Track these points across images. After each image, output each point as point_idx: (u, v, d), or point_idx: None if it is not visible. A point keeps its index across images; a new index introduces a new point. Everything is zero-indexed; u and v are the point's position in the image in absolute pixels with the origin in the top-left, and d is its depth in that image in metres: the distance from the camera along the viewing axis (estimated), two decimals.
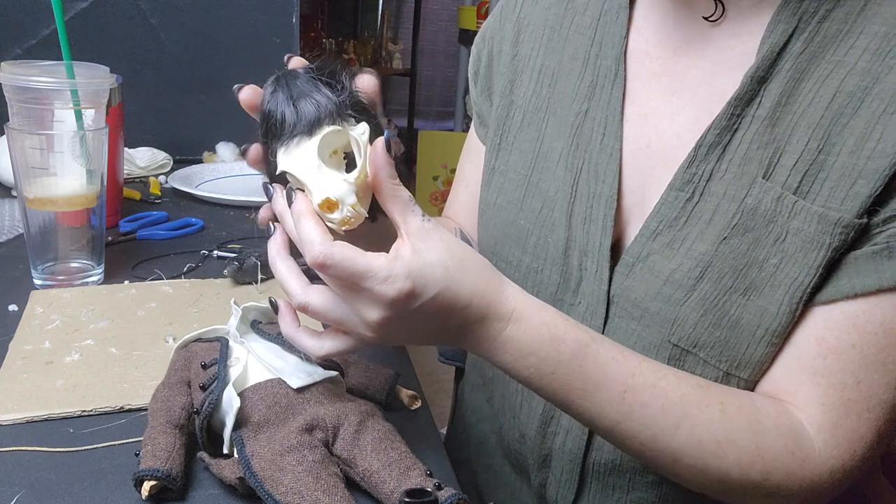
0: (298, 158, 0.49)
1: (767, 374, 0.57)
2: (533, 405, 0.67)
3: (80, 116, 0.82)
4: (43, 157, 0.79)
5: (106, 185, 0.85)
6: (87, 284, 0.84)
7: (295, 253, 0.51)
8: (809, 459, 0.54)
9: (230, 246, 1.00)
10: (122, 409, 0.61)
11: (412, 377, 0.71)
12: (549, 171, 0.67)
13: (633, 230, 0.62)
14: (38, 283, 0.83)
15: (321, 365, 0.59)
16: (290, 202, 0.49)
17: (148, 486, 0.50)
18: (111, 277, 0.87)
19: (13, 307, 0.78)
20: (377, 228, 0.53)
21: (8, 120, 0.80)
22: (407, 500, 0.47)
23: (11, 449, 0.56)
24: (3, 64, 0.80)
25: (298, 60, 0.52)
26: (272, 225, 0.54)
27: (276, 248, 0.52)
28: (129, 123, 1.09)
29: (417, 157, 3.47)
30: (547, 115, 0.68)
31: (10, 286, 0.83)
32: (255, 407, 0.55)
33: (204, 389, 0.56)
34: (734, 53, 0.59)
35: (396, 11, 4.65)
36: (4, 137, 0.84)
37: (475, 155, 0.79)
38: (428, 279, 0.47)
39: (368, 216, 0.50)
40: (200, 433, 0.55)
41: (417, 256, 0.47)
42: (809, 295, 0.54)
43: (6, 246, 0.96)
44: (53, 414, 0.60)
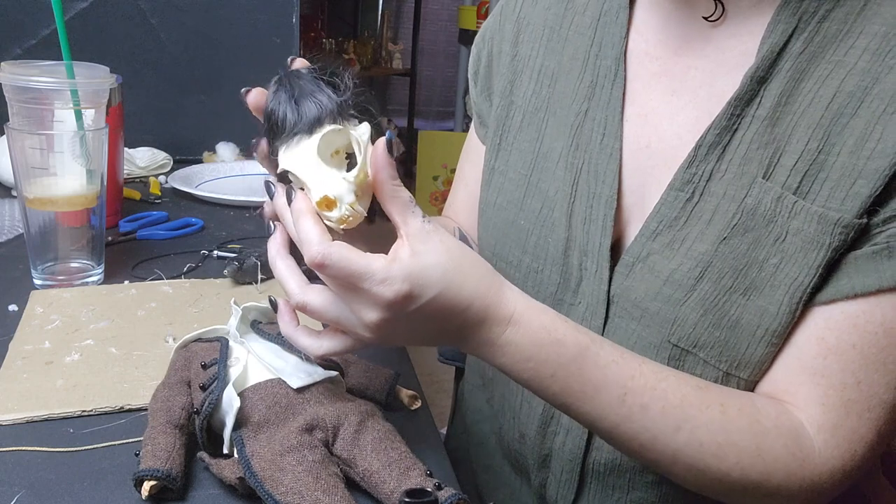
0: (298, 157, 0.49)
1: (767, 374, 0.57)
2: (533, 405, 0.67)
3: (80, 116, 0.82)
4: (43, 157, 0.79)
5: (106, 185, 0.85)
6: (87, 284, 0.84)
7: (296, 254, 0.51)
8: (810, 460, 0.54)
9: (230, 246, 1.00)
10: (122, 409, 0.61)
11: (412, 377, 0.71)
12: (548, 171, 0.67)
13: (633, 230, 0.62)
14: (38, 283, 0.83)
15: (321, 365, 0.59)
16: (289, 201, 0.49)
17: (148, 486, 0.50)
18: (111, 277, 0.87)
19: (13, 307, 0.78)
20: (378, 229, 0.53)
21: (8, 120, 0.80)
22: (407, 500, 0.47)
23: (11, 449, 0.56)
24: (3, 64, 0.80)
25: (302, 62, 0.52)
26: (273, 224, 0.53)
27: (276, 247, 0.52)
28: (129, 123, 1.09)
29: (417, 157, 3.47)
30: (547, 115, 0.68)
31: (10, 286, 0.83)
32: (255, 407, 0.55)
33: (204, 389, 0.56)
34: (734, 53, 0.59)
35: (396, 11, 4.65)
36: (4, 137, 0.84)
37: (475, 155, 0.79)
38: (426, 282, 0.47)
39: (367, 216, 0.50)
40: (200, 433, 0.55)
41: (416, 258, 0.47)
42: (809, 295, 0.54)
43: (6, 246, 0.96)
44: (53, 414, 0.60)
